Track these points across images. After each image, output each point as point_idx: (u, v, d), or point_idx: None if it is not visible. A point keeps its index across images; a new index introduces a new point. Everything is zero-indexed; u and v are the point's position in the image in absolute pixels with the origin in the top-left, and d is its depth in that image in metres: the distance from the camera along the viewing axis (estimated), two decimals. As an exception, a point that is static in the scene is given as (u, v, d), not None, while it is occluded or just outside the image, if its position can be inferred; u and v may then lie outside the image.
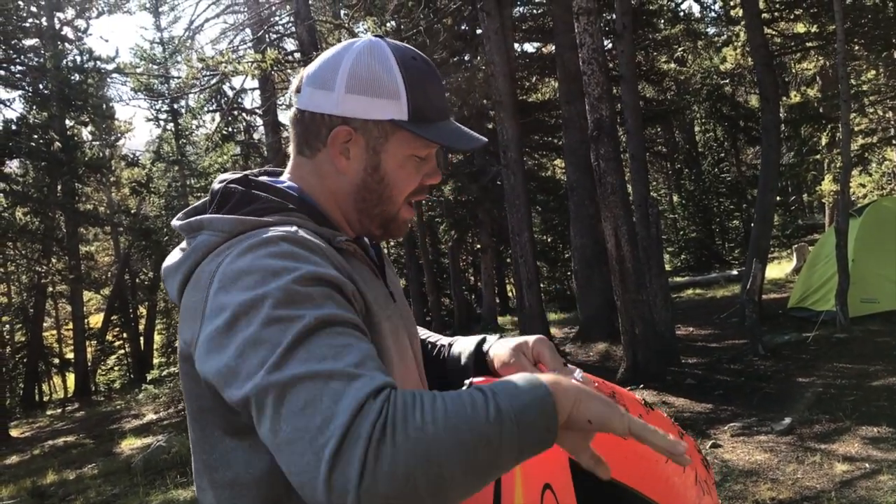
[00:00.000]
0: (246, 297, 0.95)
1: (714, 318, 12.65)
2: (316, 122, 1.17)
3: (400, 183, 1.20)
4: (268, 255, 0.99)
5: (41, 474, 9.99)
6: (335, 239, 1.11)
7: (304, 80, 1.19)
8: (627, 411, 1.26)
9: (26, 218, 19.43)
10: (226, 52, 12.31)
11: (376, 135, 1.16)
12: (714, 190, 26.17)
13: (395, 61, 1.16)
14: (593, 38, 8.50)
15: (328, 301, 0.97)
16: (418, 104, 1.16)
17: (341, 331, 0.94)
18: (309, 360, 0.88)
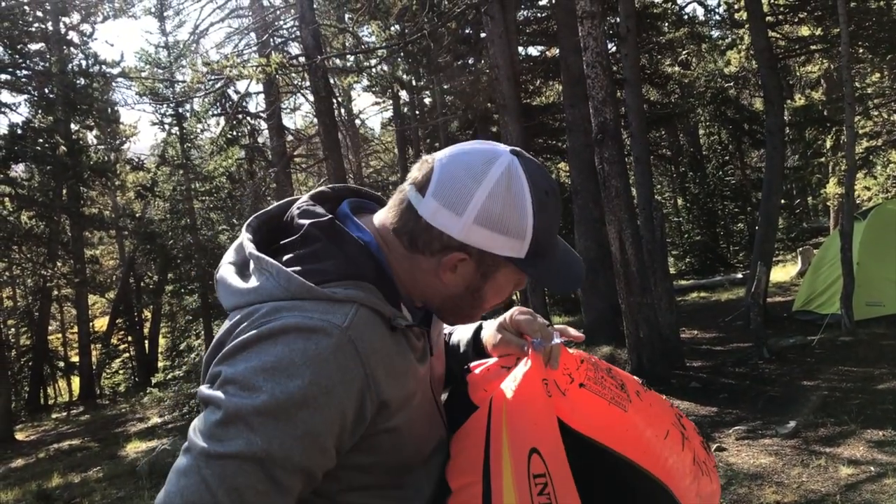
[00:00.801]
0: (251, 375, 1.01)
1: (719, 322, 12.63)
2: (433, 235, 1.14)
3: (493, 299, 1.23)
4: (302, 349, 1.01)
5: (46, 477, 10.01)
6: (395, 319, 1.11)
7: (432, 188, 1.13)
8: (625, 387, 1.29)
9: (31, 222, 19.48)
10: (230, 56, 12.34)
11: (489, 264, 1.17)
12: (718, 193, 26.13)
13: (530, 200, 1.13)
14: (597, 42, 8.50)
15: (305, 436, 1.01)
16: (538, 246, 1.16)
17: (276, 476, 1.00)
18: (223, 479, 0.98)
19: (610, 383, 1.30)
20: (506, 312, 1.37)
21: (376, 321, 1.09)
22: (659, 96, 22.09)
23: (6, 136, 17.37)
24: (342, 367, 1.02)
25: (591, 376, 1.28)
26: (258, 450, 0.98)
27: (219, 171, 18.85)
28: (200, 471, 0.98)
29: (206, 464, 0.98)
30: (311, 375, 1.00)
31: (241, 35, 21.26)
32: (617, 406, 1.27)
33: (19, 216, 19.16)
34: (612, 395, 1.28)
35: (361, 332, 1.06)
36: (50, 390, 27.08)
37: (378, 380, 1.07)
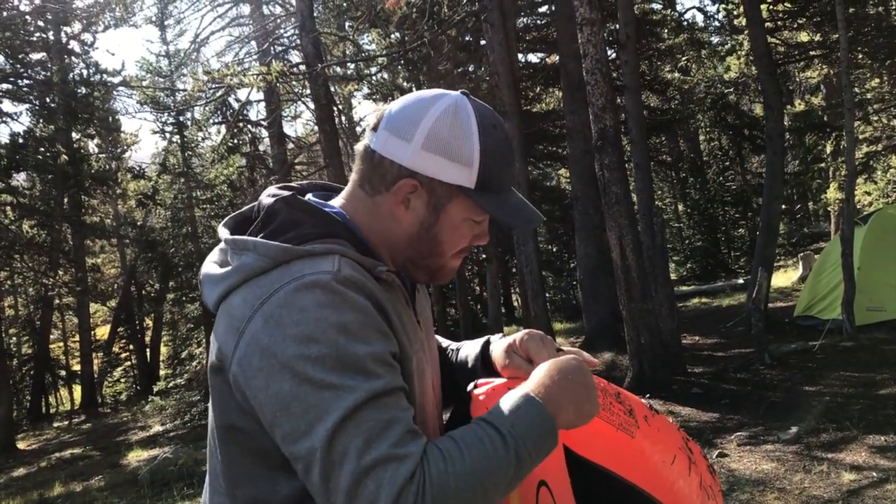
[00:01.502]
0: (296, 352, 1.03)
1: (720, 327, 12.62)
2: (384, 167, 1.19)
3: (450, 242, 1.25)
4: (315, 304, 1.05)
5: (48, 486, 10.00)
6: (375, 269, 1.15)
7: (384, 122, 1.21)
8: (634, 412, 1.29)
9: (33, 230, 19.50)
10: (231, 65, 12.38)
11: (440, 194, 1.20)
12: (719, 199, 26.13)
13: (476, 128, 1.19)
14: (596, 49, 8.53)
15: (376, 366, 1.05)
16: (487, 175, 1.19)
17: (386, 402, 1.04)
18: (356, 439, 0.99)
19: (618, 409, 1.31)
20: (516, 334, 1.37)
21: (361, 270, 1.13)
22: (659, 102, 22.11)
23: (7, 146, 17.41)
24: (356, 301, 1.07)
25: (600, 402, 1.28)
26: (355, 400, 1.00)
27: (220, 179, 18.84)
28: (334, 452, 0.99)
29: (332, 445, 0.99)
30: (339, 319, 1.04)
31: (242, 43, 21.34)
32: (625, 432, 1.29)
33: (21, 225, 19.18)
34: (620, 421, 1.29)
35: (353, 273, 1.10)
36: (51, 399, 27.05)
37: (387, 312, 1.13)
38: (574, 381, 1.16)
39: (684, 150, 27.81)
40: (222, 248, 1.21)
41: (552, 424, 1.10)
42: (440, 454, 1.02)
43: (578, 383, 1.16)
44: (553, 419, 1.10)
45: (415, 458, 1.00)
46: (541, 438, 1.08)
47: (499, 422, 1.07)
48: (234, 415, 1.12)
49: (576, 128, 12.65)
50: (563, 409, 1.13)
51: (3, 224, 18.73)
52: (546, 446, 1.10)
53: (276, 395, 1.03)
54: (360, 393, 1.01)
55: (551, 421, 1.10)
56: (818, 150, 19.26)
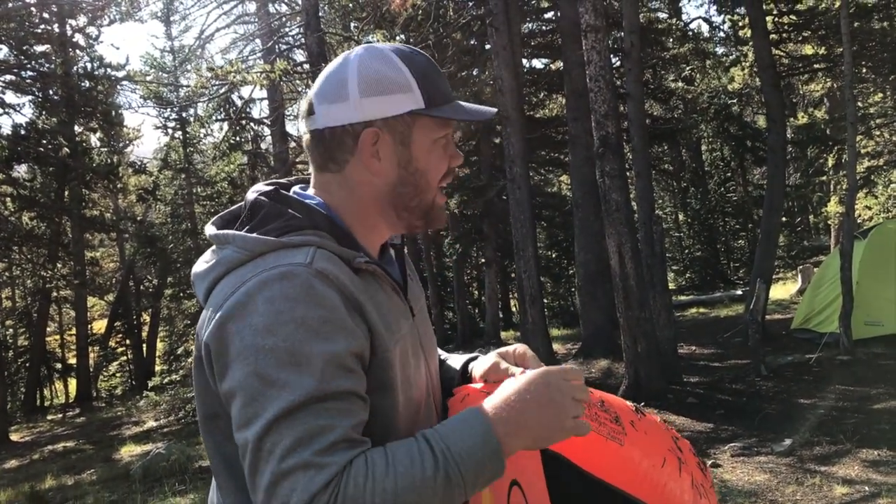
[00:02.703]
0: (252, 342, 1.03)
1: (717, 338, 12.62)
2: (338, 136, 1.19)
3: (432, 168, 1.24)
4: (281, 296, 1.05)
5: (40, 479, 9.98)
6: (354, 260, 1.15)
7: (315, 101, 1.21)
8: (620, 419, 1.29)
9: (33, 222, 19.51)
10: (235, 62, 12.37)
11: (401, 129, 1.20)
12: (720, 209, 26.14)
13: (397, 58, 1.20)
14: (601, 56, 8.53)
15: (329, 367, 1.03)
16: (430, 91, 1.20)
17: (328, 407, 1.02)
18: (284, 440, 0.99)
19: (605, 418, 1.30)
20: (510, 346, 1.37)
21: (338, 262, 1.13)
22: (662, 111, 22.14)
23: (10, 137, 17.41)
24: (323, 296, 1.06)
25: (587, 414, 1.27)
26: (295, 400, 1.00)
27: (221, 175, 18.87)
28: (262, 452, 1.00)
29: (263, 441, 0.99)
30: (301, 313, 1.03)
31: (247, 41, 21.35)
32: (614, 441, 1.28)
33: (20, 217, 19.19)
34: (608, 430, 1.28)
35: (326, 266, 1.10)
36: (46, 392, 27.00)
37: (360, 304, 1.11)
38: (546, 400, 1.10)
39: (686, 159, 27.83)
40: (213, 249, 1.23)
41: (497, 449, 1.04)
42: (364, 468, 0.99)
43: (551, 403, 1.10)
44: (499, 443, 1.05)
45: (334, 469, 0.97)
46: (479, 463, 1.03)
47: (435, 439, 1.04)
48: (217, 403, 1.13)
49: (578, 134, 12.65)
50: (520, 432, 1.07)
51: (2, 215, 18.73)
52: (486, 472, 1.04)
53: (230, 382, 1.04)
54: (301, 393, 1.00)
55: (496, 445, 1.04)
56: (820, 164, 19.29)
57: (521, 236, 11.36)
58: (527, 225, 11.36)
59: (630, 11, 9.64)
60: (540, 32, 19.37)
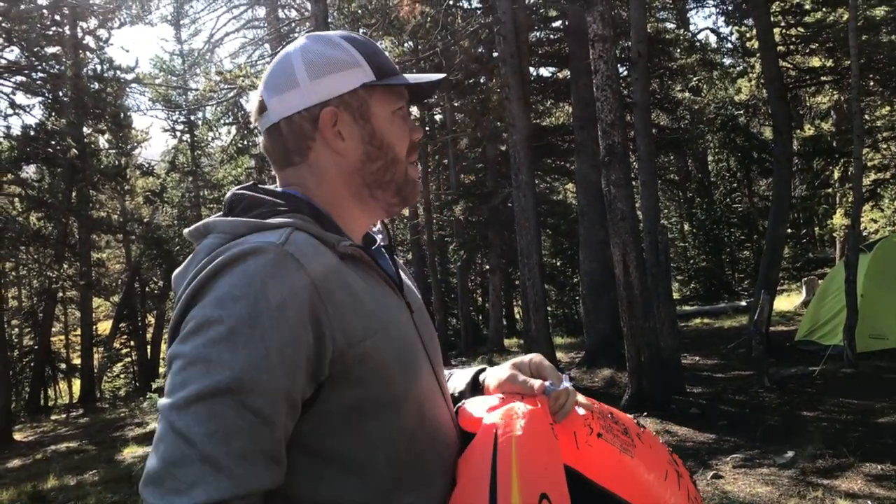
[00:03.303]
0: (201, 314, 0.99)
1: (721, 349, 12.60)
2: (295, 124, 1.17)
3: (396, 139, 1.22)
4: (242, 271, 1.00)
5: (42, 479, 10.00)
6: (339, 244, 1.10)
7: (265, 96, 1.19)
8: (629, 431, 1.32)
9: (40, 223, 19.57)
10: (244, 66, 12.44)
11: (357, 104, 1.18)
12: (725, 220, 26.11)
13: (339, 38, 1.20)
14: (608, 65, 8.56)
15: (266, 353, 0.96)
16: (377, 63, 1.19)
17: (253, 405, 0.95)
18: (200, 427, 0.93)
19: (616, 430, 1.31)
20: (525, 356, 1.34)
21: (317, 245, 1.08)
22: (668, 121, 22.14)
23: (19, 137, 17.49)
24: (287, 280, 1.00)
25: (602, 425, 1.28)
26: (223, 380, 0.94)
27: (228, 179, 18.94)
28: (174, 426, 0.94)
29: (177, 417, 0.94)
30: (255, 293, 0.97)
31: (256, 46, 21.46)
32: (626, 453, 1.29)
33: (28, 217, 19.25)
34: (620, 442, 1.29)
35: (300, 247, 1.04)
36: (50, 392, 27.07)
37: (334, 297, 1.04)
38: None
39: (692, 169, 27.82)
40: None
41: None
42: None
43: None
44: None
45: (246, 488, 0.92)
46: None
47: None
48: None
49: (584, 143, 12.68)
50: None
51: (10, 215, 18.80)
52: None
53: (173, 348, 1.00)
54: (229, 376, 0.94)
55: None
56: (826, 176, 19.28)
57: (526, 244, 11.37)
58: (532, 232, 11.38)
59: (638, 21, 9.67)
60: (547, 41, 19.41)
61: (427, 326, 1.28)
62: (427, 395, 1.17)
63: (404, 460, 1.10)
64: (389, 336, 1.10)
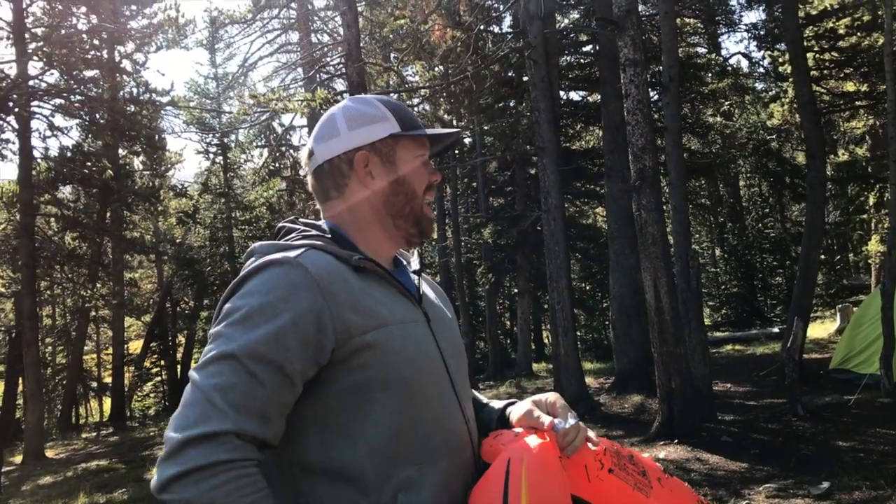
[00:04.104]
0: (229, 306, 1.29)
1: (753, 376, 12.42)
2: (336, 165, 1.46)
3: (416, 180, 1.49)
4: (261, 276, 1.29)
5: (73, 496, 10.09)
6: (352, 258, 1.36)
7: (313, 145, 1.49)
8: (647, 473, 1.39)
9: (75, 242, 19.89)
10: (277, 90, 12.60)
11: (386, 150, 1.47)
12: (757, 245, 25.84)
13: (373, 99, 1.51)
14: (639, 89, 8.55)
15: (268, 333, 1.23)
16: (403, 118, 1.49)
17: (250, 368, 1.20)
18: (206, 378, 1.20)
19: (632, 469, 1.37)
20: (544, 394, 1.47)
21: (331, 259, 1.34)
22: (700, 146, 22.04)
23: (56, 158, 17.84)
24: (294, 283, 1.27)
25: (615, 462, 1.35)
26: (228, 349, 1.21)
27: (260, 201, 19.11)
28: (192, 380, 1.22)
29: (195, 373, 1.22)
30: (267, 291, 1.26)
31: (289, 70, 21.74)
32: (639, 492, 1.34)
33: (63, 237, 19.58)
34: (635, 481, 1.35)
35: (312, 259, 1.31)
36: (82, 410, 27.36)
37: (337, 298, 1.29)
38: None
39: (723, 194, 27.62)
40: None
41: None
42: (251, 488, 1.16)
43: None
44: None
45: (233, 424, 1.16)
46: None
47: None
48: None
49: (615, 167, 12.64)
50: None
51: (46, 235, 19.14)
52: None
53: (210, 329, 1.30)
54: (233, 347, 1.21)
55: None
56: (860, 201, 19.01)
57: (555, 268, 11.34)
58: (561, 256, 11.34)
59: (669, 46, 9.67)
60: (577, 65, 19.47)
61: (450, 337, 1.50)
62: (436, 389, 1.38)
63: (407, 438, 1.31)
64: (392, 332, 1.33)
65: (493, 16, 16.00)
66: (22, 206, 16.19)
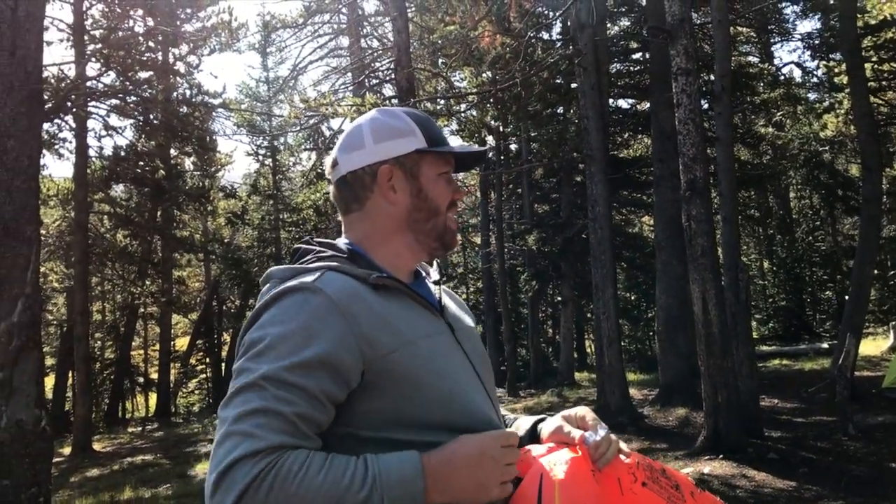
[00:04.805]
0: (249, 337, 1.27)
1: (801, 392, 12.17)
2: (359, 177, 1.44)
3: (439, 196, 1.46)
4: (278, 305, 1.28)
5: (119, 490, 10.28)
6: (370, 277, 1.33)
7: (337, 155, 1.47)
8: (680, 487, 1.39)
9: (126, 240, 20.31)
10: (327, 94, 12.72)
11: (409, 165, 1.44)
12: (807, 259, 25.31)
13: (400, 111, 1.48)
14: (690, 99, 8.45)
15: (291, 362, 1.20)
16: (429, 134, 1.45)
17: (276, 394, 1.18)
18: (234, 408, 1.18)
19: (665, 483, 1.37)
20: (574, 409, 1.47)
21: (349, 280, 1.32)
22: (750, 156, 21.69)
23: (110, 158, 18.23)
24: (314, 309, 1.25)
25: (648, 476, 1.35)
26: (252, 379, 1.19)
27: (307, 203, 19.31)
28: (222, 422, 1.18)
29: (222, 410, 1.20)
30: (288, 320, 1.24)
31: (339, 74, 21.94)
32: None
33: (115, 234, 20.00)
34: (668, 494, 1.35)
35: (330, 282, 1.29)
36: (128, 404, 27.85)
37: (358, 320, 1.27)
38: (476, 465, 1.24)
39: (773, 206, 27.15)
40: None
41: (417, 496, 1.18)
42: (303, 460, 1.14)
43: (479, 468, 1.24)
44: (423, 491, 1.18)
45: (265, 443, 1.13)
46: (397, 500, 1.16)
47: (371, 464, 1.18)
48: None
49: (663, 176, 12.52)
50: (445, 488, 1.21)
51: (99, 232, 19.57)
52: None
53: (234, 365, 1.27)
54: (256, 375, 1.19)
55: (419, 493, 1.18)
56: (918, 216, 18.54)
57: (601, 277, 11.25)
58: (607, 265, 11.26)
59: (722, 55, 9.55)
60: (627, 73, 19.32)
61: (475, 346, 1.50)
62: (475, 396, 1.37)
63: None
64: (419, 348, 1.31)
65: (542, 23, 15.96)
66: (77, 204, 16.60)
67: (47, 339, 24.53)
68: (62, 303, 25.78)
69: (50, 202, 18.02)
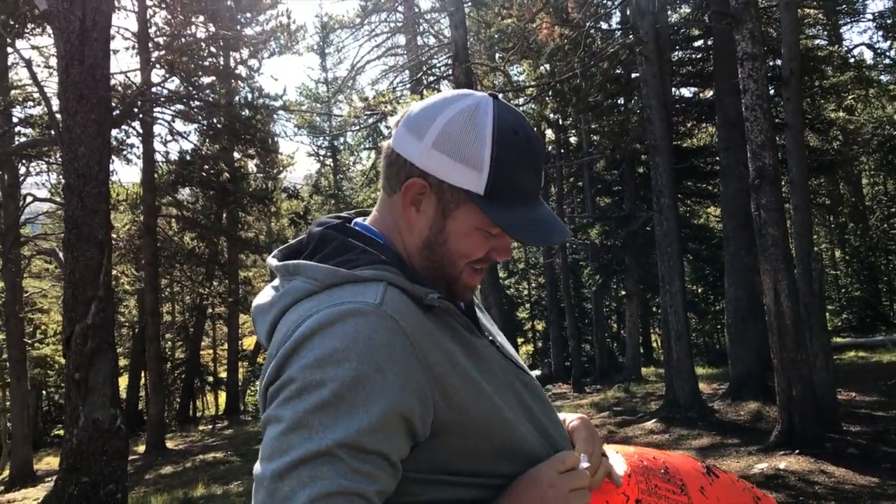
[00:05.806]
0: (302, 376, 0.98)
1: (880, 384, 11.75)
2: (399, 164, 1.14)
3: (462, 251, 1.15)
4: (342, 334, 0.99)
5: (192, 486, 10.52)
6: (427, 297, 1.07)
7: (404, 119, 1.16)
8: (686, 486, 1.24)
9: (193, 242, 20.77)
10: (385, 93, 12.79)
11: (448, 199, 1.12)
12: (882, 247, 24.47)
13: (491, 131, 1.10)
14: (757, 84, 8.21)
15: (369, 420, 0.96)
16: (498, 182, 1.11)
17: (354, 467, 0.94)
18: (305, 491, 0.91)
19: (666, 490, 1.22)
20: (571, 414, 1.30)
21: (408, 300, 1.06)
22: (819, 142, 21.05)
23: (177, 162, 18.67)
24: (388, 342, 1.00)
25: (643, 489, 1.20)
26: (325, 445, 0.93)
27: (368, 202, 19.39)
28: (277, 494, 0.93)
29: (280, 483, 0.93)
30: (357, 357, 0.97)
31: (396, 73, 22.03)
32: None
33: (183, 237, 20.48)
34: (667, 503, 1.21)
35: (397, 306, 1.03)
36: (198, 403, 28.54)
37: (429, 359, 1.03)
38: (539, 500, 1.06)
39: (844, 193, 26.33)
40: (274, 284, 1.19)
41: None
42: None
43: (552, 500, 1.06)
44: None
45: None
46: None
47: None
48: None
49: (730, 165, 12.21)
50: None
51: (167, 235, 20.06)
52: None
53: (271, 410, 1.00)
54: (331, 442, 0.94)
55: None
56: None
57: (668, 269, 11.03)
58: (674, 258, 11.03)
59: (790, 38, 9.25)
60: (689, 60, 18.92)
61: (508, 347, 1.28)
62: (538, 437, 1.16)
63: None
64: (483, 391, 1.09)
65: (601, 12, 15.74)
66: (145, 208, 17.05)
67: (120, 340, 25.30)
68: (133, 304, 26.54)
69: (119, 207, 18.52)
